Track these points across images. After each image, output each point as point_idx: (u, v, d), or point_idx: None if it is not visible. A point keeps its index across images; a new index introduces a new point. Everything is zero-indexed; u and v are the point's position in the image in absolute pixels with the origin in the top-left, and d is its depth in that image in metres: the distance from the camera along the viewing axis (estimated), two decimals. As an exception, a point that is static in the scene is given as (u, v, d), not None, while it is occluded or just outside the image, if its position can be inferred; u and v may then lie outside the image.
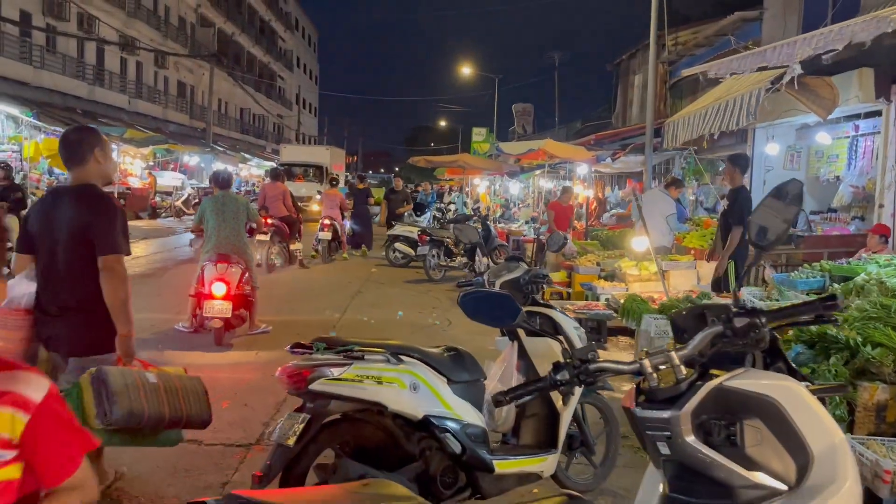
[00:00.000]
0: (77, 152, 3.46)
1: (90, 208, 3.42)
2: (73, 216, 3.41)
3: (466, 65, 48.45)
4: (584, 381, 1.93)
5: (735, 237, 7.32)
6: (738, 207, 7.35)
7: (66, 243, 3.42)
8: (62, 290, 3.44)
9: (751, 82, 10.61)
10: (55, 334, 3.44)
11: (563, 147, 14.43)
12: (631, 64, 22.19)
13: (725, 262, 7.39)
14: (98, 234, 3.39)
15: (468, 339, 7.95)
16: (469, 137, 51.40)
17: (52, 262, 3.45)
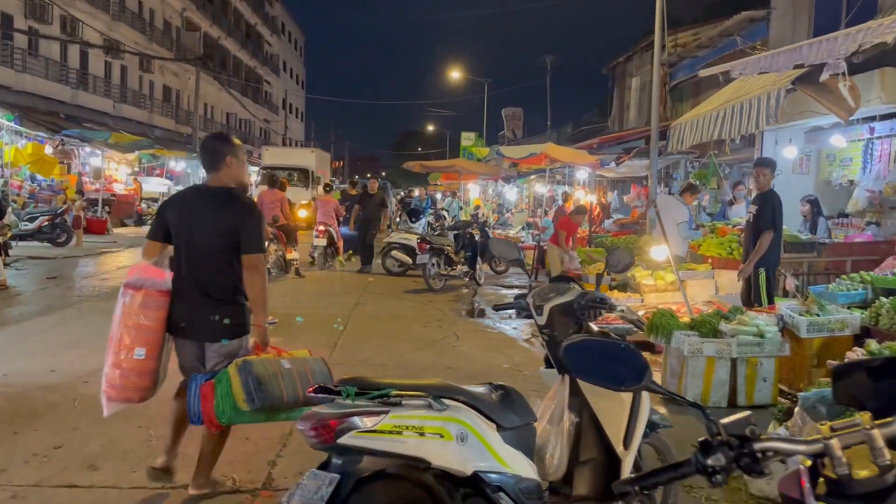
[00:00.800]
0: (215, 158, 3.80)
1: (241, 212, 3.77)
2: (222, 216, 3.73)
3: (455, 69, 48.09)
4: (746, 467, 1.44)
5: (765, 242, 6.89)
6: (769, 211, 6.92)
7: (213, 239, 3.72)
8: (205, 281, 3.73)
9: (764, 84, 10.22)
10: (194, 320, 3.72)
11: (566, 151, 13.97)
12: (627, 67, 21.80)
13: (751, 268, 6.95)
14: (246, 236, 3.71)
15: (478, 355, 7.46)
16: (457, 142, 50.97)
17: (196, 254, 3.75)
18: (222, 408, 3.49)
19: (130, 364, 3.62)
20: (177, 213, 3.84)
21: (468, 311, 10.45)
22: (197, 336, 3.76)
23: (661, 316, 6.30)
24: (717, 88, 16.75)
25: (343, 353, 7.39)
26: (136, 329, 3.63)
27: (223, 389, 3.49)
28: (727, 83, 16.16)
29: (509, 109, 45.35)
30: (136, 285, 3.69)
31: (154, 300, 3.68)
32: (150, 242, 3.88)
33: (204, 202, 3.81)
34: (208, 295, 3.73)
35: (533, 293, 3.49)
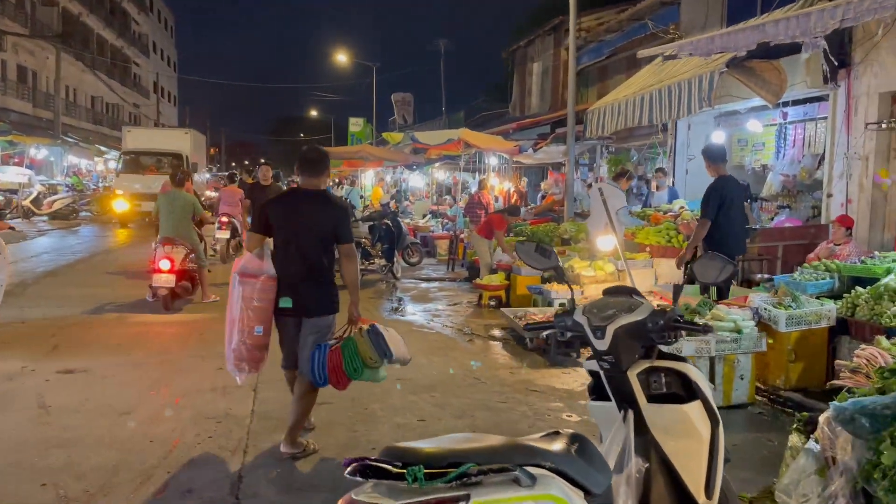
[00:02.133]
0: (317, 167, 4.54)
1: (336, 209, 4.54)
2: (320, 213, 4.42)
3: (341, 52, 46.61)
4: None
5: (698, 230, 6.61)
6: (703, 200, 6.64)
7: (314, 231, 4.39)
8: (308, 267, 4.38)
9: (691, 67, 10.07)
10: (298, 301, 4.36)
11: (484, 137, 13.44)
12: (528, 51, 21.56)
13: (689, 255, 6.65)
14: (341, 228, 4.44)
15: (425, 362, 6.77)
16: (344, 128, 49.55)
17: (300, 244, 4.38)
18: (354, 366, 4.32)
19: (253, 340, 4.39)
20: (280, 211, 4.52)
21: (395, 310, 9.71)
22: (298, 312, 4.42)
23: (632, 314, 5.82)
24: (623, 73, 16.78)
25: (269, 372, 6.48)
26: (255, 311, 4.36)
27: (351, 352, 4.33)
28: (633, 68, 16.22)
29: (399, 95, 44.53)
30: (252, 273, 4.37)
31: (268, 285, 4.38)
32: (251, 235, 4.63)
33: (304, 201, 4.50)
34: (312, 278, 4.42)
35: (585, 310, 2.82)
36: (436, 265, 14.65)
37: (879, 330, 5.27)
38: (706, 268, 2.93)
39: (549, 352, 7.14)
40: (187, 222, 9.36)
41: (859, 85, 8.80)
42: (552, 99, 19.23)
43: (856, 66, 8.82)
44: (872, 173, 8.61)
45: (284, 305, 4.40)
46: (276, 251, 4.50)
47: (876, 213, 8.72)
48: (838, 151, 9.10)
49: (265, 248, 4.52)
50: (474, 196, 13.64)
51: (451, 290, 11.46)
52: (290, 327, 4.50)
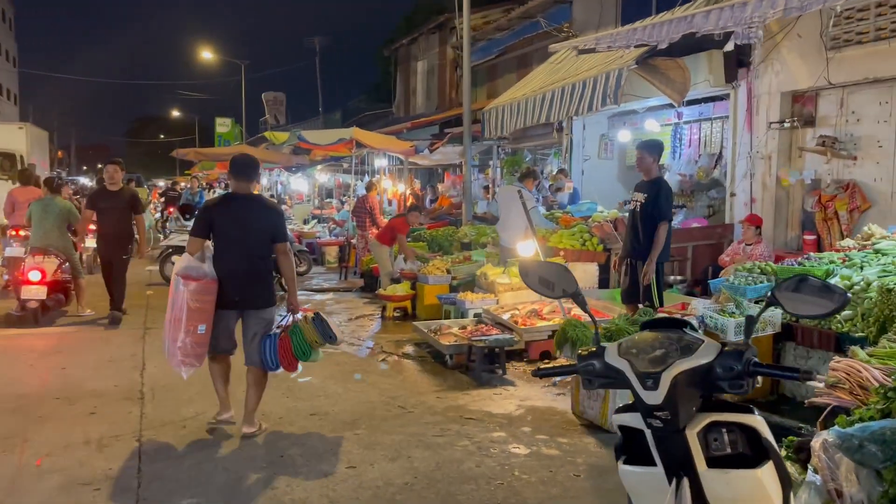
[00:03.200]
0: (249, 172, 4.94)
1: (273, 212, 5.02)
2: (260, 216, 4.84)
3: (207, 48, 44.24)
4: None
5: (662, 234, 6.24)
6: (662, 200, 6.27)
7: (256, 233, 4.80)
8: (252, 265, 4.80)
9: (595, 64, 9.82)
10: (244, 296, 4.79)
11: (377, 137, 12.66)
12: (411, 49, 20.94)
13: (653, 266, 6.28)
14: (278, 230, 4.90)
15: (339, 390, 5.98)
16: (210, 128, 47.10)
17: (244, 245, 4.79)
18: (302, 349, 4.81)
19: (197, 338, 4.65)
20: (220, 215, 4.79)
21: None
22: (245, 306, 4.79)
23: (572, 327, 5.33)
24: (514, 72, 16.52)
25: (160, 408, 5.46)
26: (198, 311, 4.63)
27: (299, 338, 4.81)
28: (524, 67, 15.99)
29: (270, 94, 42.79)
30: (195, 276, 4.65)
31: (210, 287, 4.68)
32: (193, 239, 4.80)
33: (243, 205, 4.80)
34: (256, 276, 4.78)
35: (623, 350, 2.17)
36: (325, 274, 13.73)
37: (829, 336, 5.05)
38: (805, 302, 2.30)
39: (472, 369, 6.54)
40: (62, 230, 8.83)
41: (760, 84, 8.84)
42: (439, 98, 18.75)
43: (756, 65, 8.85)
44: (776, 172, 8.66)
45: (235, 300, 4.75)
46: (220, 253, 4.80)
47: (780, 212, 8.78)
48: (741, 151, 9.12)
49: (205, 251, 4.80)
50: (360, 200, 12.84)
51: (348, 301, 10.63)
52: (232, 320, 4.85)
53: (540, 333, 7.00)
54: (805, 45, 8.10)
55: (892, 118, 7.48)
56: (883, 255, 5.54)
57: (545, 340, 7.03)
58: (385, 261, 9.97)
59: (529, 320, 7.17)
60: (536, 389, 6.04)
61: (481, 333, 6.60)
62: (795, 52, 8.30)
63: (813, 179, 8.30)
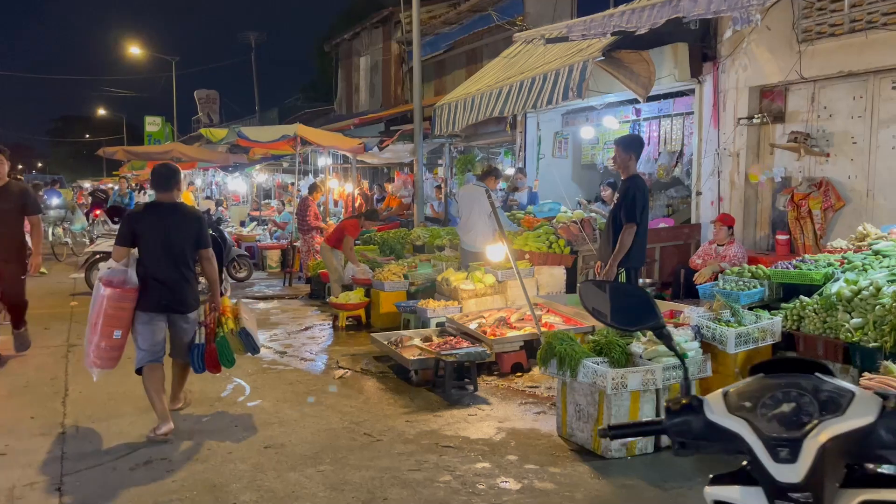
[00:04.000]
0: (170, 181, 5.05)
1: (196, 219, 5.11)
2: (183, 224, 4.97)
3: (135, 43, 42.40)
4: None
5: (626, 237, 5.79)
6: (629, 200, 5.81)
7: (179, 241, 4.92)
8: (178, 271, 4.92)
9: (555, 56, 9.37)
10: (171, 299, 4.90)
11: (323, 134, 11.90)
12: (354, 45, 20.16)
13: (615, 269, 5.81)
14: (201, 236, 5.03)
15: (296, 416, 5.32)
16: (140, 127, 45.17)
17: (170, 252, 4.88)
18: (227, 358, 5.13)
19: (112, 343, 4.81)
20: (142, 224, 4.93)
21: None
22: (172, 309, 4.96)
23: (559, 341, 4.79)
24: (463, 68, 15.99)
25: (86, 444, 4.69)
26: (116, 317, 4.77)
27: (225, 349, 5.10)
28: (475, 62, 15.49)
29: (203, 91, 41.30)
30: (116, 283, 4.77)
31: (130, 295, 4.81)
32: (118, 248, 4.91)
33: (165, 214, 4.95)
34: (182, 281, 4.96)
35: (733, 405, 1.60)
36: (268, 279, 12.91)
37: (835, 345, 4.67)
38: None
39: (440, 385, 5.95)
40: None
41: (727, 79, 8.54)
42: (383, 96, 18.08)
43: (723, 59, 8.55)
44: (744, 170, 8.37)
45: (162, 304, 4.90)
46: (146, 260, 4.88)
47: (749, 211, 8.50)
48: (707, 148, 8.81)
49: (130, 258, 4.88)
50: (302, 201, 12.09)
51: (295, 310, 9.89)
52: (161, 327, 4.97)
53: (511, 344, 6.48)
54: (774, 37, 7.81)
55: (868, 113, 7.25)
56: (885, 257, 5.21)
57: (517, 352, 6.51)
58: (335, 266, 9.28)
59: (499, 330, 6.63)
60: (514, 408, 5.50)
61: (450, 346, 6.02)
62: (764, 46, 8.01)
63: (783, 177, 8.03)
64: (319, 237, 11.85)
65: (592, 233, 8.19)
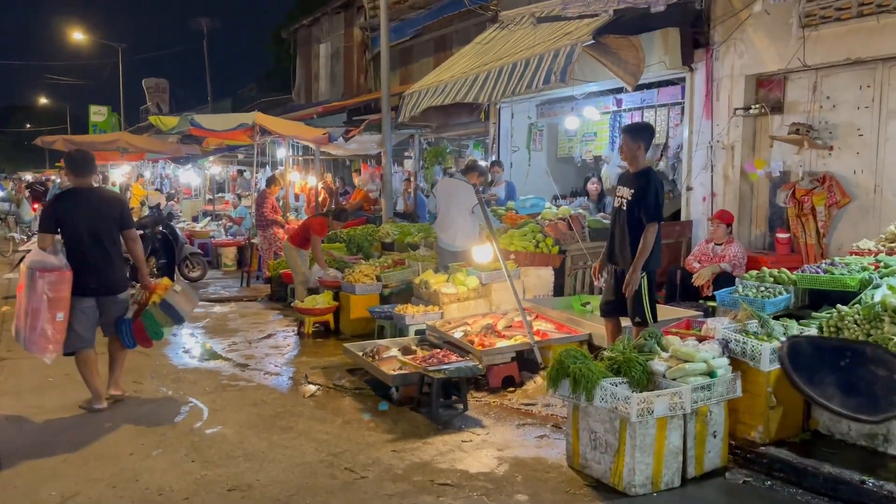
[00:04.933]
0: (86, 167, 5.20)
1: (118, 202, 5.43)
2: (105, 207, 5.14)
3: (78, 29, 40.57)
4: None
5: (650, 238, 5.20)
6: (651, 196, 5.22)
7: (103, 224, 5.08)
8: (105, 253, 5.08)
9: (536, 41, 8.76)
10: (100, 282, 5.07)
11: (284, 123, 11.06)
12: (313, 31, 19.21)
13: (639, 275, 5.21)
14: (125, 217, 5.24)
15: (264, 448, 4.59)
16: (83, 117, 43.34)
17: (95, 235, 5.03)
18: (154, 331, 5.34)
19: (56, 326, 4.93)
20: (66, 209, 5.04)
21: (187, 351, 7.19)
22: (101, 292, 5.12)
23: (571, 359, 4.16)
24: (431, 56, 15.24)
25: (9, 490, 3.89)
26: (55, 301, 4.90)
27: (150, 322, 5.32)
28: (443, 49, 14.78)
29: (152, 80, 39.73)
30: (49, 268, 4.88)
31: (65, 277, 4.94)
32: (43, 235, 5.02)
33: (87, 199, 5.10)
34: (110, 263, 5.12)
35: None
36: (223, 279, 12.04)
37: (881, 361, 4.14)
38: None
39: (425, 404, 5.29)
40: None
41: (721, 67, 8.03)
42: (345, 84, 17.24)
43: (717, 46, 8.03)
44: (741, 163, 7.88)
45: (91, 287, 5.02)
46: (72, 245, 5.00)
47: (744, 208, 8.01)
48: (699, 140, 8.29)
49: (56, 244, 4.99)
50: (261, 195, 11.26)
51: (255, 314, 9.09)
52: (92, 311, 5.10)
53: (502, 356, 5.84)
54: (774, 23, 7.31)
55: (875, 104, 6.80)
56: (927, 261, 4.72)
57: (508, 364, 5.88)
58: (299, 267, 8.50)
59: (487, 339, 5.99)
60: (512, 431, 4.86)
61: (437, 360, 5.34)
62: (763, 31, 7.51)
63: (782, 172, 7.56)
64: (281, 231, 11.04)
65: (582, 230, 7.61)
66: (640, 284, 5.24)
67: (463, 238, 7.61)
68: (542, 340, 5.96)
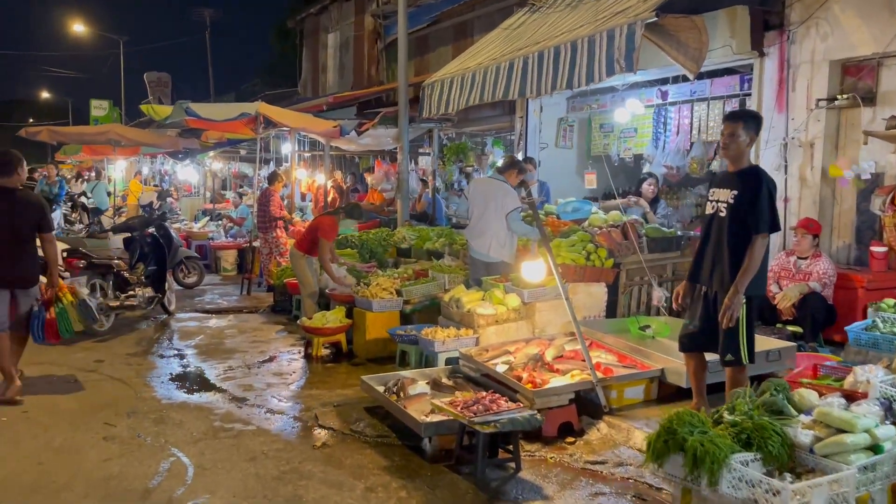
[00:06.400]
0: (7, 168, 5.31)
1: (37, 204, 5.50)
2: (24, 208, 5.32)
3: (78, 20, 39.62)
4: None
5: (759, 252, 4.10)
6: (763, 202, 4.12)
7: (20, 223, 5.29)
8: (20, 251, 5.30)
9: (580, 23, 7.67)
10: (13, 276, 5.29)
11: (291, 114, 9.96)
12: (321, 20, 18.10)
13: (742, 299, 4.12)
14: (44, 219, 5.41)
15: None
16: (85, 111, 42.42)
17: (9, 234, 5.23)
18: (66, 329, 5.67)
19: None
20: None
21: (174, 378, 6.09)
22: (12, 285, 5.30)
23: (687, 427, 3.06)
24: (449, 45, 14.10)
25: None
26: None
27: (64, 320, 5.67)
28: (462, 37, 13.67)
29: (154, 74, 38.67)
30: None
31: None
32: None
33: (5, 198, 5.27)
34: (22, 260, 5.32)
35: None
36: (222, 285, 10.96)
37: None
38: None
39: (466, 461, 4.20)
40: None
41: (798, 52, 6.92)
42: (355, 76, 16.15)
43: (794, 27, 6.93)
44: (822, 163, 6.77)
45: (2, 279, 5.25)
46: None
47: (824, 215, 6.90)
48: (769, 137, 7.16)
49: None
50: (263, 194, 10.18)
51: (255, 329, 8.00)
52: (5, 298, 5.28)
53: (559, 397, 4.74)
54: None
55: None
56: None
57: (565, 407, 4.77)
58: (308, 277, 7.39)
59: (538, 374, 4.88)
60: (582, 501, 3.76)
61: (483, 407, 4.22)
62: (852, 10, 6.42)
63: (873, 173, 6.45)
64: (284, 235, 9.96)
65: (639, 240, 6.50)
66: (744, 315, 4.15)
67: (499, 247, 6.51)
68: (607, 378, 4.86)
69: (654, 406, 4.97)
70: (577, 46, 6.53)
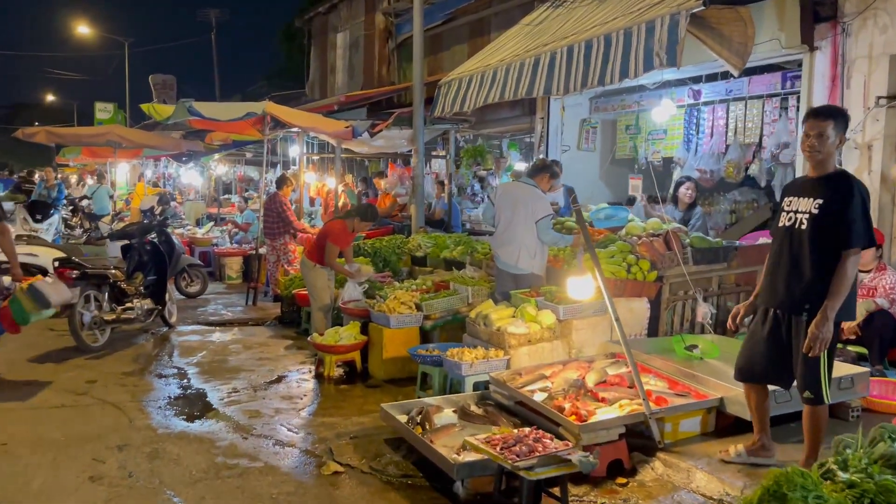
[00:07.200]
0: None
1: None
2: None
3: (83, 23, 39.34)
4: None
5: (851, 270, 3.55)
6: (854, 212, 3.56)
7: None
8: None
9: (613, 16, 7.11)
10: None
11: (301, 114, 9.42)
12: (330, 19, 17.58)
13: (832, 326, 3.55)
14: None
15: None
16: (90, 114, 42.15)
17: None
18: (22, 317, 5.67)
19: None
20: None
21: (172, 402, 5.53)
22: None
23: (798, 490, 2.48)
24: (465, 42, 13.49)
25: None
26: None
27: (17, 307, 5.66)
28: (479, 35, 13.12)
29: (159, 77, 38.34)
30: None
31: None
32: None
33: None
34: None
35: None
36: (226, 294, 10.42)
37: None
38: None
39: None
40: None
41: (854, 45, 6.36)
42: (365, 77, 15.62)
43: (849, 19, 6.37)
44: (881, 166, 6.20)
45: None
46: None
47: (883, 223, 6.32)
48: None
49: None
50: (270, 198, 9.65)
51: (262, 344, 7.44)
52: None
53: (608, 432, 4.16)
54: (937, -15, 5.65)
55: None
56: None
57: (615, 442, 4.20)
58: (322, 289, 6.83)
59: (582, 405, 4.31)
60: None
61: (527, 448, 3.65)
62: (917, -3, 5.85)
63: (939, 178, 5.88)
64: (292, 241, 9.42)
65: (683, 251, 5.93)
66: (834, 343, 3.59)
67: (528, 258, 5.95)
68: (660, 409, 4.29)
69: (713, 440, 4.41)
70: (611, 40, 5.97)
